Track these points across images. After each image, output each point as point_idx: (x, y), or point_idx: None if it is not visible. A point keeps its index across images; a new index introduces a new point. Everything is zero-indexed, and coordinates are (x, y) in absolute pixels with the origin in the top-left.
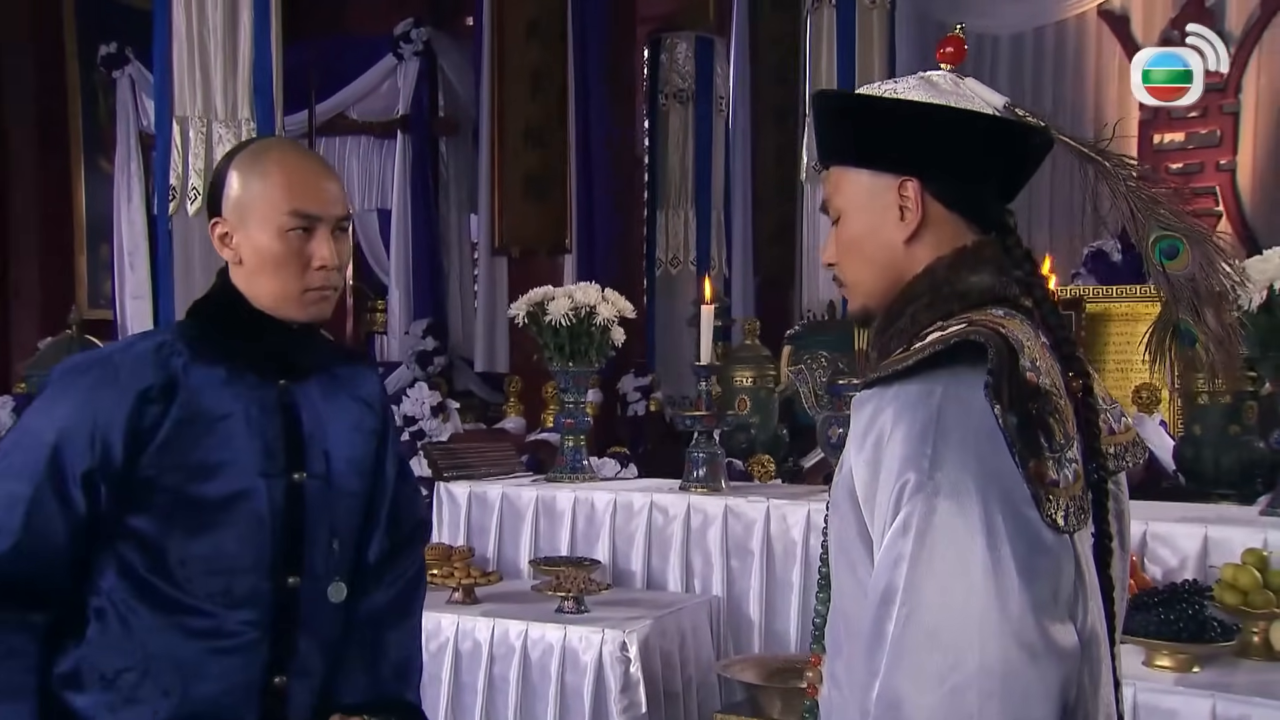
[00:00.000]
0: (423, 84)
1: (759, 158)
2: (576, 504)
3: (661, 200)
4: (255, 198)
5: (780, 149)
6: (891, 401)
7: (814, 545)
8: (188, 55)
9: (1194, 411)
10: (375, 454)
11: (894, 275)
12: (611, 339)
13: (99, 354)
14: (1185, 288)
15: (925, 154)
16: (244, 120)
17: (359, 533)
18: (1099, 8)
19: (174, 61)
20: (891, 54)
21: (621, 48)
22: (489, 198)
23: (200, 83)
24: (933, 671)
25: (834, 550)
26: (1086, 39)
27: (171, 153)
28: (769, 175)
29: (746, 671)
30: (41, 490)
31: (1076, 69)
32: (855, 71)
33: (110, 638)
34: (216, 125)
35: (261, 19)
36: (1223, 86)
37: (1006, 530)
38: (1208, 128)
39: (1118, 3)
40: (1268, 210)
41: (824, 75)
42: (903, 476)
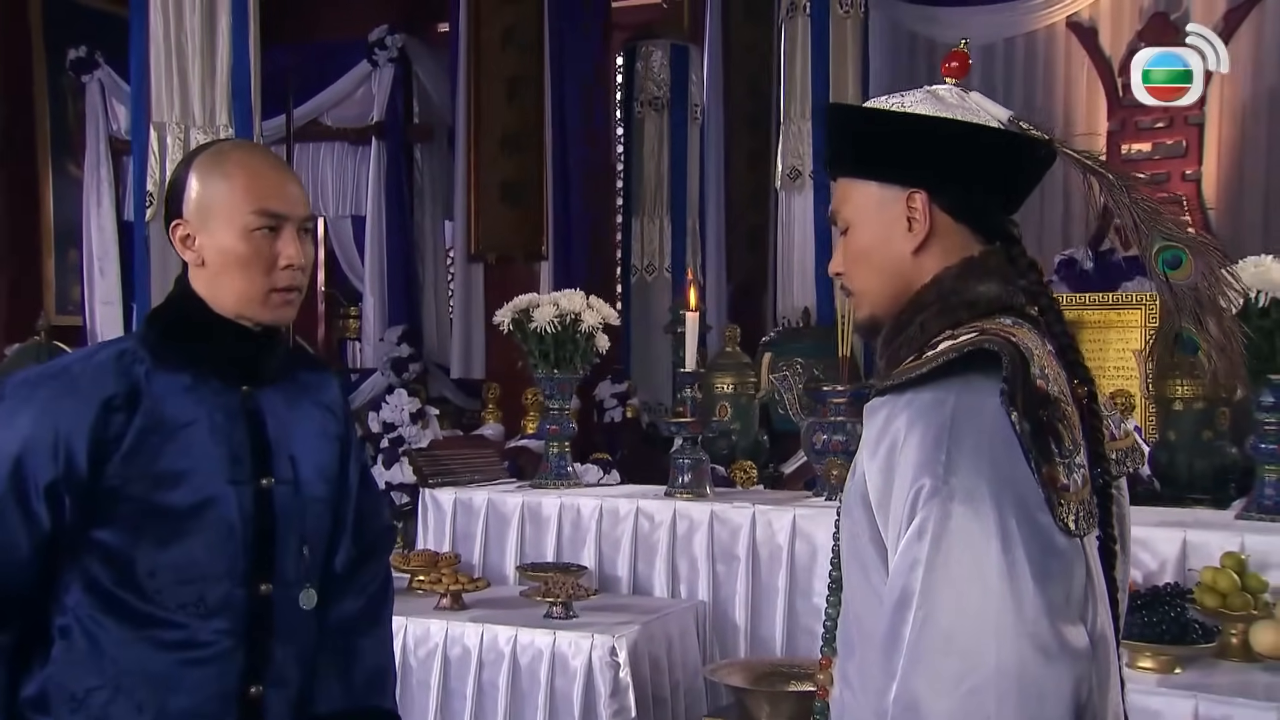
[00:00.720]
0: (397, 90)
1: (732, 165)
2: (563, 510)
3: (637, 207)
4: (219, 198)
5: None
6: (905, 408)
7: (800, 550)
8: (165, 60)
9: (1168, 417)
10: (340, 460)
11: (902, 284)
12: (596, 346)
13: (55, 365)
14: (1188, 296)
15: (933, 166)
16: (222, 126)
17: (327, 539)
18: (1067, 20)
19: (151, 67)
20: (865, 63)
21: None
22: (465, 204)
23: (178, 88)
24: (950, 674)
25: (846, 554)
26: (1055, 49)
27: (149, 159)
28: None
29: (734, 675)
30: (3, 504)
31: (1046, 79)
32: (830, 80)
33: (77, 655)
34: (194, 131)
35: (239, 24)
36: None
37: (1020, 534)
38: (1174, 138)
39: (1086, 15)
40: (1231, 220)
41: (798, 83)
42: (918, 482)
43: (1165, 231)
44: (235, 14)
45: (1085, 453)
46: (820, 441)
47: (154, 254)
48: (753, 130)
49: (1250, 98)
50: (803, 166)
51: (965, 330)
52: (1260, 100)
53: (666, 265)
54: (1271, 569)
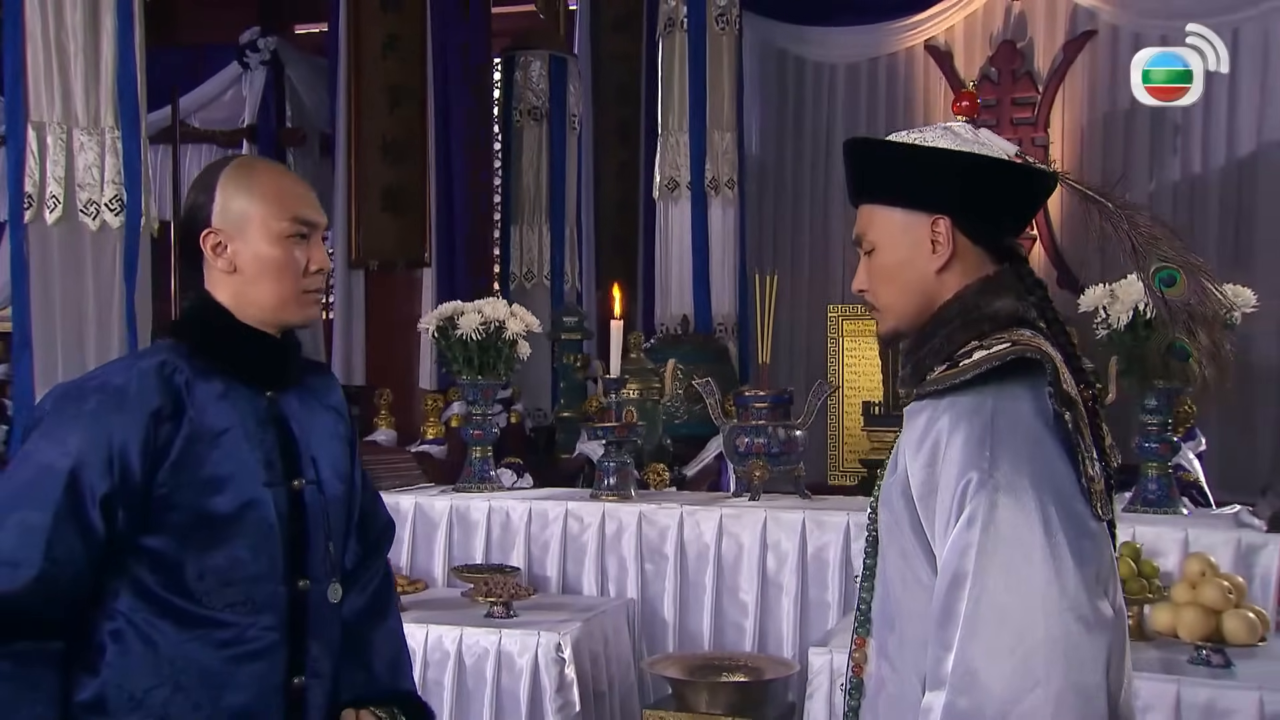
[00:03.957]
0: (269, 94)
1: (602, 174)
2: (491, 513)
3: (516, 215)
4: (254, 208)
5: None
6: (946, 411)
7: (726, 549)
8: (44, 59)
9: None
10: (349, 459)
11: (925, 301)
12: (518, 353)
13: (96, 379)
14: (1181, 311)
15: (955, 195)
16: (108, 128)
17: (344, 536)
18: (925, 43)
19: (29, 65)
20: (739, 78)
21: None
22: (346, 211)
23: (59, 88)
24: (1003, 644)
25: (885, 541)
26: (915, 71)
27: (28, 159)
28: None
29: (671, 668)
30: (61, 518)
31: (907, 99)
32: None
33: (133, 658)
34: (78, 132)
35: (125, 23)
36: (1034, 121)
37: (1059, 520)
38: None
39: (942, 39)
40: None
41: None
42: (965, 476)
43: (1162, 254)
44: (120, 13)
45: (1094, 449)
46: (743, 444)
47: (35, 257)
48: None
49: (1087, 124)
50: (680, 178)
51: (995, 341)
52: (1095, 126)
53: (546, 273)
54: (1159, 556)
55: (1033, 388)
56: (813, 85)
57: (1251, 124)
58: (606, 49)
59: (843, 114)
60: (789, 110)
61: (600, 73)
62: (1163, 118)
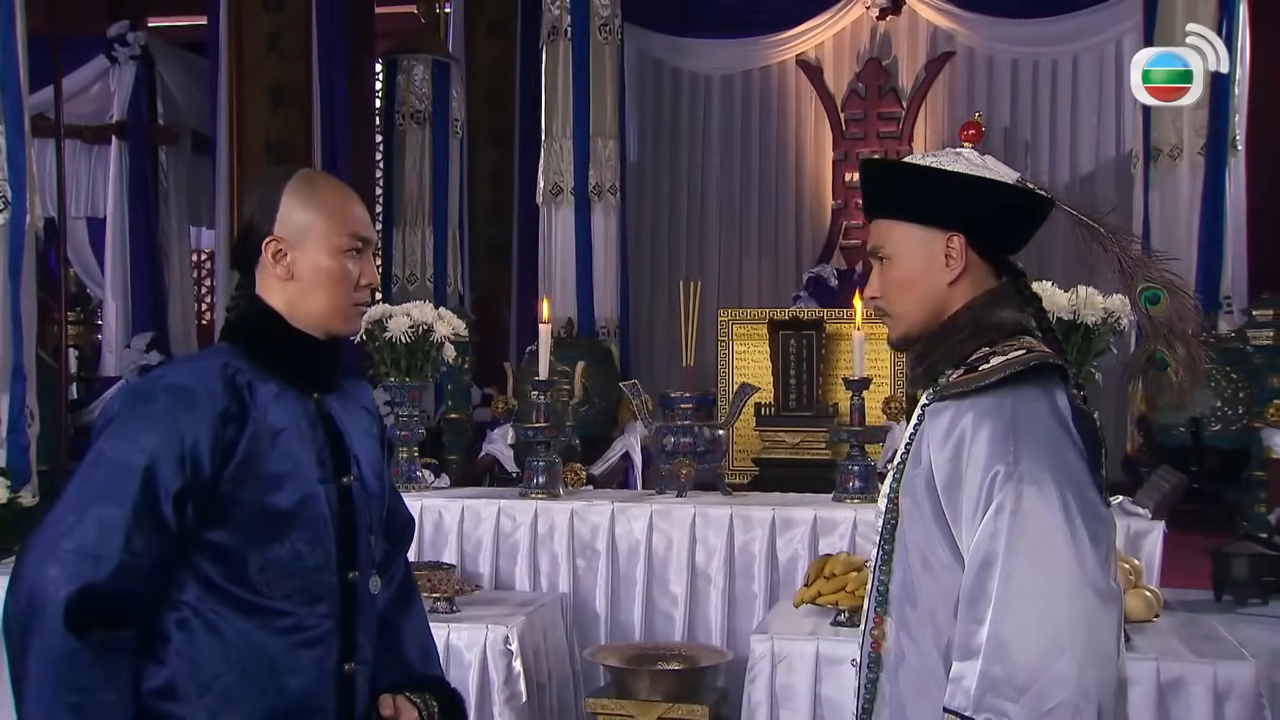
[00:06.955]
0: (140, 89)
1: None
2: (423, 512)
3: (398, 218)
4: (317, 220)
5: (496, 171)
6: (969, 410)
7: (657, 544)
8: None
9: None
10: (382, 458)
11: (936, 310)
12: (444, 355)
13: (163, 379)
14: (1163, 326)
15: (967, 214)
16: None
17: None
18: (797, 58)
19: None
20: (621, 84)
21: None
22: (228, 212)
23: None
24: (1032, 618)
25: (906, 527)
26: (788, 84)
27: None
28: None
29: (611, 658)
30: (138, 513)
31: (780, 110)
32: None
33: (201, 645)
34: None
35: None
36: (898, 135)
37: (1077, 507)
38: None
39: (812, 55)
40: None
41: (560, 103)
42: (991, 469)
43: (1148, 275)
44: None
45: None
46: (670, 443)
47: None
48: (495, 146)
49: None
50: (564, 183)
51: (1008, 348)
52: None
53: (429, 275)
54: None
55: (1044, 389)
56: (689, 95)
57: (1090, 143)
58: (480, 54)
59: (719, 123)
60: (665, 119)
61: (474, 78)
62: (1015, 136)
